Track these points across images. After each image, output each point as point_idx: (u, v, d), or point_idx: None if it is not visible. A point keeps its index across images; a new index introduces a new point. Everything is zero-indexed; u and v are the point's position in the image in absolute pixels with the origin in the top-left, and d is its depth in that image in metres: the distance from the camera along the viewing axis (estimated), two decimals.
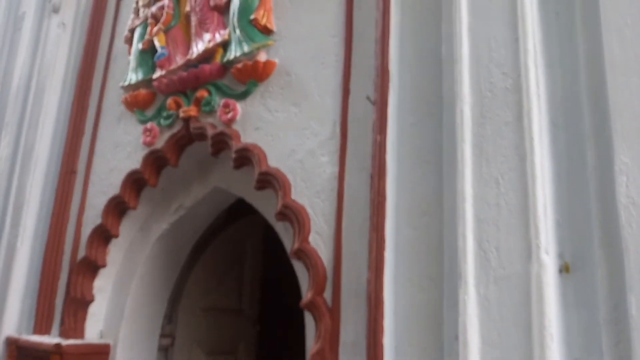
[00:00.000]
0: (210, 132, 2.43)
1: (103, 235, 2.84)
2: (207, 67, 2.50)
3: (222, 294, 3.53)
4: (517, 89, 1.51)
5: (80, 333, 2.78)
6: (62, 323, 2.81)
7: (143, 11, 2.99)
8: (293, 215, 2.04)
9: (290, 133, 2.18)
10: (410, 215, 1.72)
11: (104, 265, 2.84)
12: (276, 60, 2.31)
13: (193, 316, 3.33)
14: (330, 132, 2.05)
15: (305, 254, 1.96)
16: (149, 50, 2.88)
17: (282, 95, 2.26)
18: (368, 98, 1.93)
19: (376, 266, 1.70)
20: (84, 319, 2.80)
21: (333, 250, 1.91)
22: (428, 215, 1.69)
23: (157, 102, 2.81)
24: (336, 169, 1.99)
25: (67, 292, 2.87)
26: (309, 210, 2.02)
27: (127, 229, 2.89)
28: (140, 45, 2.89)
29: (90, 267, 2.84)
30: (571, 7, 1.54)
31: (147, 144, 2.73)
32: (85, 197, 3.02)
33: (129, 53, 3.03)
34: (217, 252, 3.52)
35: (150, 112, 2.82)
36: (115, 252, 2.91)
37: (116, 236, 2.82)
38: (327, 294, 1.88)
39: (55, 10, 3.66)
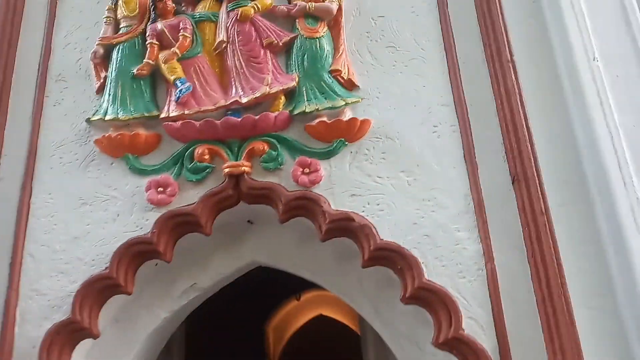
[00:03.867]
0: (284, 195, 1.96)
1: (71, 337, 1.90)
2: (271, 116, 2.04)
3: None
4: None
5: None
6: None
7: (129, 24, 2.25)
8: (435, 298, 1.81)
9: (406, 204, 1.95)
10: (585, 296, 1.75)
11: None
12: (370, 119, 2.06)
13: None
14: (462, 206, 1.93)
15: (464, 343, 1.75)
16: (147, 79, 2.17)
17: (385, 160, 2.02)
18: (512, 177, 1.91)
19: (572, 353, 1.66)
20: None
21: (495, 337, 1.76)
22: (601, 296, 1.75)
23: (165, 148, 2.11)
24: (480, 247, 1.87)
25: None
26: (453, 292, 1.82)
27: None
28: (134, 71, 2.15)
29: None
30: None
31: (157, 204, 2.01)
32: (17, 277, 1.99)
33: (98, 76, 2.23)
34: None
35: (154, 161, 2.09)
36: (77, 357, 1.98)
37: (96, 336, 1.93)
38: None
39: None
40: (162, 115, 2.11)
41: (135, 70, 2.16)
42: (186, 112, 2.09)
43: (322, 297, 6.87)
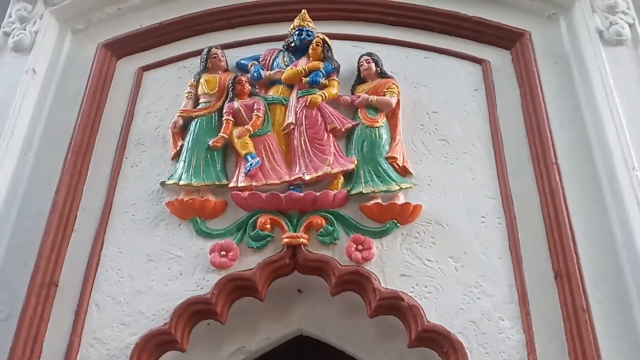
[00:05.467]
0: (337, 269, 2.10)
1: None
2: (330, 194, 2.22)
3: None
4: None
5: None
6: None
7: (208, 101, 2.50)
8: None
9: (453, 288, 2.06)
10: None
11: None
12: (422, 205, 2.23)
13: None
14: (506, 296, 2.03)
15: None
16: (220, 151, 2.39)
17: (434, 244, 2.16)
18: (555, 272, 2.03)
19: None
20: None
21: None
22: None
23: (230, 214, 2.29)
24: (523, 337, 1.95)
25: None
26: None
27: None
28: (209, 142, 2.38)
29: None
30: None
31: (219, 267, 2.15)
32: (80, 325, 2.11)
33: (175, 143, 2.45)
34: None
35: (219, 225, 2.26)
36: None
37: None
38: None
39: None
40: (231, 185, 2.30)
41: (210, 142, 2.38)
42: (254, 183, 2.28)
43: None
